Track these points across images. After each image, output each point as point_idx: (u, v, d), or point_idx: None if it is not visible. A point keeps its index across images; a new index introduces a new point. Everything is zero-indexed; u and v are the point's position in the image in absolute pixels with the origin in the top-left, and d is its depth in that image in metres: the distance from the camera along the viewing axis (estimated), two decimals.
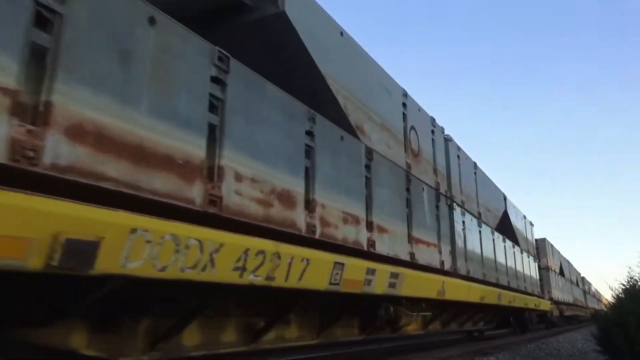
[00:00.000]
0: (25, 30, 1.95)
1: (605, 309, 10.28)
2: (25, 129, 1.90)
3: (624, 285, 6.68)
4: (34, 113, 1.98)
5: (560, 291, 19.99)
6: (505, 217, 11.06)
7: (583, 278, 34.08)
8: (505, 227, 10.80)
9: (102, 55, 2.24)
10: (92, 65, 2.18)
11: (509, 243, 10.50)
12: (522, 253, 12.06)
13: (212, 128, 2.92)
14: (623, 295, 6.44)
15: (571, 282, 25.27)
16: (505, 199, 11.35)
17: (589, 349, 7.70)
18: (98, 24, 2.23)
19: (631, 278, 6.71)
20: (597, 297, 45.61)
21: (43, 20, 2.02)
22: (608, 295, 7.58)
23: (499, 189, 10.93)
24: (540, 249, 17.56)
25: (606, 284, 30.18)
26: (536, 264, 14.32)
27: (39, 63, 2.03)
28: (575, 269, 29.64)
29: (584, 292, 33.22)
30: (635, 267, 10.86)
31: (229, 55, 3.08)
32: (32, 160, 1.88)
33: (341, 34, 4.81)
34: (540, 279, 15.81)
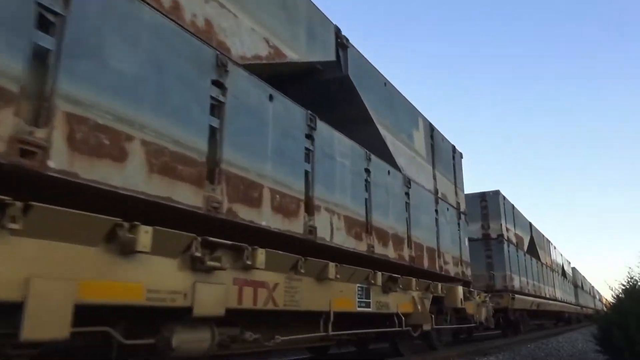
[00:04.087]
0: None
1: (605, 309, 10.26)
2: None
3: (624, 285, 6.77)
4: None
5: (528, 279, 14.79)
6: None
7: (574, 269, 30.15)
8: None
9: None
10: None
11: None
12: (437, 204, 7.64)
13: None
14: (623, 295, 6.55)
15: (552, 269, 20.40)
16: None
17: (589, 349, 7.83)
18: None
19: (631, 278, 6.81)
20: (593, 293, 41.73)
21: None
22: (608, 295, 7.30)
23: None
24: (490, 206, 13.08)
25: (606, 284, 26.65)
26: (460, 225, 8.61)
27: None
28: (562, 255, 25.11)
29: (575, 286, 28.67)
30: (635, 267, 11.29)
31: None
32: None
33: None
34: (489, 257, 12.68)
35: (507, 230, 13.77)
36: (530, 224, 17.74)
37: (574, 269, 30.46)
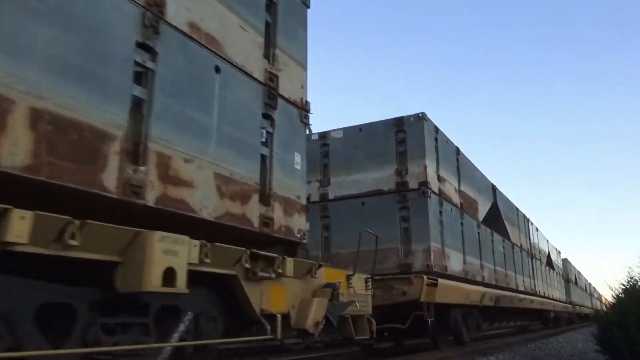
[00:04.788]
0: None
1: (605, 309, 10.05)
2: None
3: (624, 285, 6.84)
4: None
5: (483, 261, 10.06)
6: None
7: (565, 261, 25.95)
8: None
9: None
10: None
11: None
12: None
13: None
14: (623, 295, 6.63)
15: (532, 256, 15.70)
16: None
17: (589, 349, 7.87)
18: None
19: (631, 278, 6.86)
20: (589, 290, 38.54)
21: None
22: (608, 295, 7.17)
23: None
24: (410, 139, 8.01)
25: (606, 284, 23.35)
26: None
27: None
28: (548, 242, 20.75)
29: (567, 280, 24.75)
30: (635, 267, 11.21)
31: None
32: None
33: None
34: (406, 219, 7.68)
35: (440, 179, 8.45)
36: (494, 187, 12.25)
37: (565, 260, 25.86)
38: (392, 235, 7.53)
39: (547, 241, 20.53)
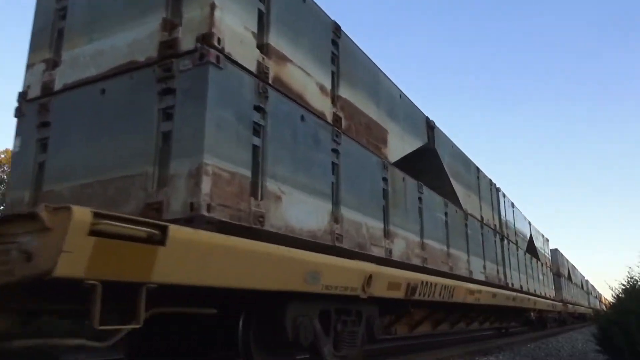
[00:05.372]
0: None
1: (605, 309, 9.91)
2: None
3: (624, 285, 6.86)
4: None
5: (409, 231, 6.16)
6: None
7: (556, 251, 21.84)
8: None
9: None
10: None
11: None
12: None
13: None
14: (623, 295, 6.63)
15: (502, 236, 11.43)
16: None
17: (589, 349, 7.91)
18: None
19: (631, 278, 6.89)
20: (586, 288, 35.55)
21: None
22: (608, 295, 6.76)
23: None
24: None
25: (606, 284, 22.53)
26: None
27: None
28: (531, 224, 16.15)
29: (559, 275, 21.39)
30: (635, 267, 11.19)
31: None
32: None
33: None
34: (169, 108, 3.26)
35: (269, 51, 3.99)
36: (431, 124, 7.76)
37: (555, 251, 21.71)
38: (143, 150, 3.44)
39: (530, 224, 16.07)
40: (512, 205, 13.41)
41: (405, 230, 6.10)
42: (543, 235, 18.43)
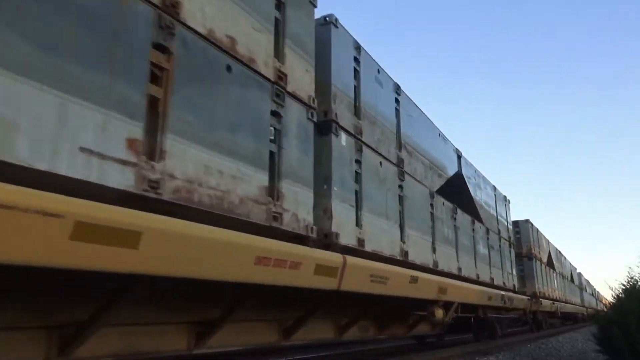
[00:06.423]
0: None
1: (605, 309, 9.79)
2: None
3: (624, 285, 6.86)
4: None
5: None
6: None
7: (526, 223, 15.46)
8: None
9: None
10: None
11: None
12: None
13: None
14: (623, 295, 6.65)
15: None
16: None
17: (589, 349, 7.81)
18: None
19: (631, 278, 6.88)
20: (580, 283, 30.25)
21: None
22: (608, 295, 6.60)
23: None
24: None
25: (606, 284, 18.88)
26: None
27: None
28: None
29: (529, 258, 14.90)
30: (635, 267, 11.15)
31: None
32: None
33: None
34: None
35: None
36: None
37: (526, 222, 15.75)
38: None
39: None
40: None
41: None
42: (505, 197, 12.50)
